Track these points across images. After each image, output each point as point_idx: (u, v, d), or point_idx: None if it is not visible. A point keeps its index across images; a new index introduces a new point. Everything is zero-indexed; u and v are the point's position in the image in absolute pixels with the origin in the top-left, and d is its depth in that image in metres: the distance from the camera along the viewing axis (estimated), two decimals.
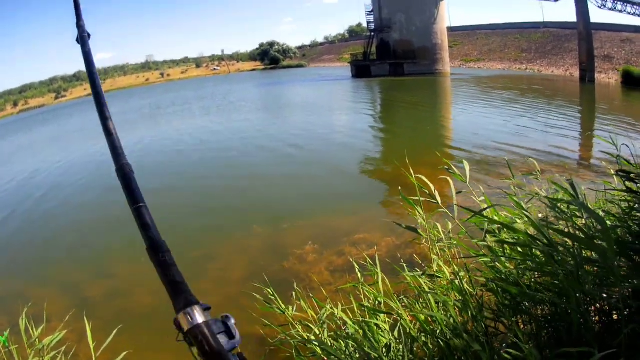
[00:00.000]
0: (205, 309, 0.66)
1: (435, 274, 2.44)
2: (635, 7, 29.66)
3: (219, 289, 5.52)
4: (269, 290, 3.16)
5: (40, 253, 7.76)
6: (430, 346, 2.21)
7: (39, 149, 22.93)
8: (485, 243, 2.10)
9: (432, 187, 2.41)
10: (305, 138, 14.74)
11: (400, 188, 2.65)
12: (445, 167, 2.64)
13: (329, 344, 2.42)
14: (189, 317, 0.63)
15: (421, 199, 2.48)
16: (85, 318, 2.75)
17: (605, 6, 29.86)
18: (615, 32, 32.90)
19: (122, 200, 0.75)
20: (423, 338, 2.25)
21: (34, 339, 3.02)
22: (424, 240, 2.65)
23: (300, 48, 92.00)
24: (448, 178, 2.50)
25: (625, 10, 30.03)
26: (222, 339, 0.64)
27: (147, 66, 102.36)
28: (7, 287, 6.41)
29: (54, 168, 15.43)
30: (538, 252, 1.88)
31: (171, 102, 36.12)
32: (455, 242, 2.52)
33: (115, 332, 2.95)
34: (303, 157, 12.33)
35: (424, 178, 2.50)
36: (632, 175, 1.91)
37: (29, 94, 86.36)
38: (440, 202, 2.37)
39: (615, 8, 30.10)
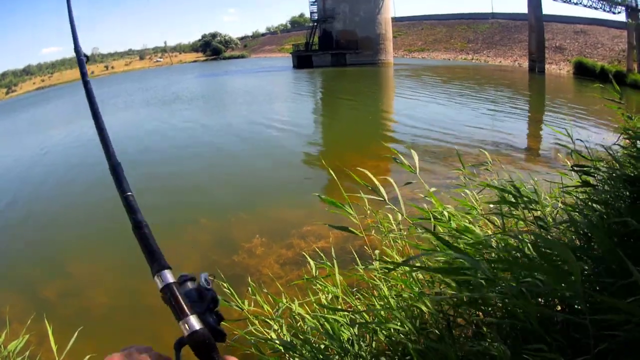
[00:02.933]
0: (189, 279, 0.73)
1: (388, 266, 2.27)
2: None
3: None
4: (225, 285, 2.92)
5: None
6: (393, 339, 2.10)
7: None
8: (436, 237, 1.92)
9: (376, 181, 2.22)
10: (245, 130, 14.13)
11: (339, 183, 2.38)
12: (393, 157, 2.46)
13: (289, 340, 2.36)
14: (161, 278, 0.70)
15: (365, 196, 2.30)
16: (46, 322, 2.74)
17: None
18: (568, 24, 32.48)
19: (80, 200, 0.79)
20: (384, 332, 2.13)
21: None
22: (373, 231, 2.48)
23: (242, 39, 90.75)
24: (394, 168, 2.29)
25: (580, 3, 29.09)
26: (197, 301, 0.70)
27: (92, 59, 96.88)
28: None
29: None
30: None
31: (114, 95, 34.25)
32: (405, 234, 2.37)
33: (76, 335, 2.89)
34: (242, 149, 11.80)
35: (367, 172, 2.29)
36: (586, 169, 1.79)
37: None
38: (386, 197, 2.18)
39: (570, 0, 29.19)
